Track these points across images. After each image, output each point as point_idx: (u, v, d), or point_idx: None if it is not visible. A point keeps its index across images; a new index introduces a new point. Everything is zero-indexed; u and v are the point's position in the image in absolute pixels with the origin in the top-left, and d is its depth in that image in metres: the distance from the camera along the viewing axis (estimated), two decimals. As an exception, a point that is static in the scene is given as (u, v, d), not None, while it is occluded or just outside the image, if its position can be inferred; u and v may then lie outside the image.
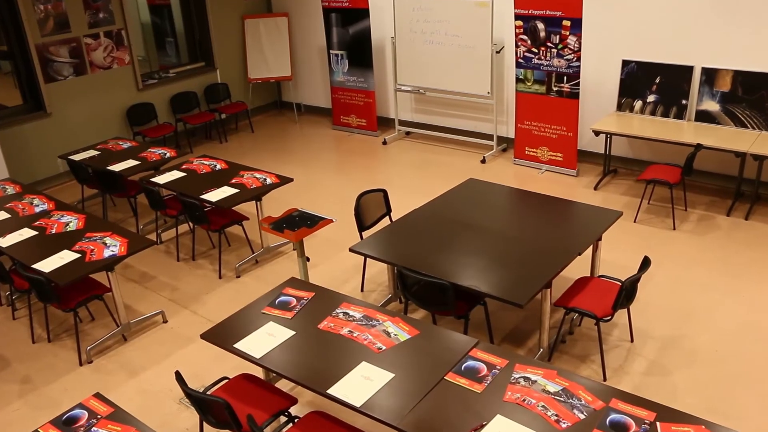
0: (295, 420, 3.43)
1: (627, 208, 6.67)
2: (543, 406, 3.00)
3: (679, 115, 7.04)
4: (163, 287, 5.77)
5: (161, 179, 6.26)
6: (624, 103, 7.41)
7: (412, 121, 9.49)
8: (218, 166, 6.49)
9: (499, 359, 3.33)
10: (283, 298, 4.01)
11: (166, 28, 9.97)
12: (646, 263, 4.18)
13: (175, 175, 6.36)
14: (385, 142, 9.09)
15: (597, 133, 7.08)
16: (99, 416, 3.14)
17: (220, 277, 5.84)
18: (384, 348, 3.47)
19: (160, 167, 6.72)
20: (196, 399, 3.34)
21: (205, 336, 3.68)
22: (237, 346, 3.58)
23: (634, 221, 6.42)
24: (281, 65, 10.32)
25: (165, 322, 5.25)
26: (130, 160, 6.89)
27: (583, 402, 3.01)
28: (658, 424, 2.85)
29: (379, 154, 8.66)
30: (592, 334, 4.72)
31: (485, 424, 2.90)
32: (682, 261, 5.61)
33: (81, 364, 4.78)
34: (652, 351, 4.50)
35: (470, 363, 3.32)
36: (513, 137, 8.27)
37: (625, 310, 4.85)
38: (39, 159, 8.20)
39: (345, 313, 3.80)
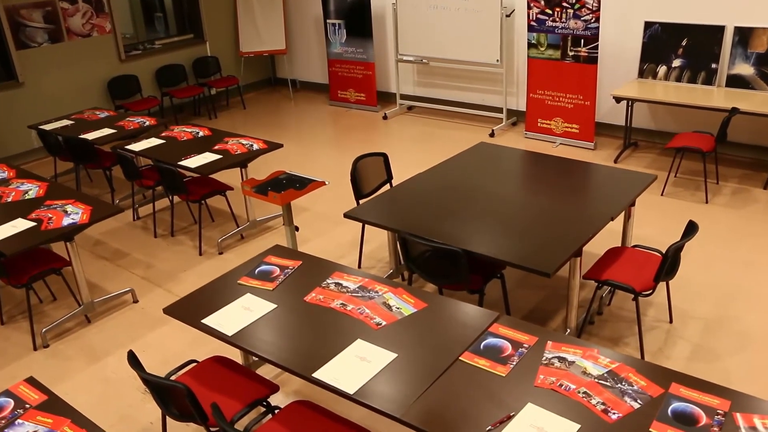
0: (275, 411, 2.79)
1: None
2: (585, 393, 2.36)
3: (708, 81, 6.40)
4: (137, 265, 5.13)
5: (136, 146, 5.63)
6: (646, 69, 6.76)
7: (414, 95, 8.85)
8: (201, 134, 5.86)
9: (527, 336, 2.69)
10: (264, 267, 3.37)
11: (151, -4, 9.32)
12: (691, 228, 3.54)
13: (153, 142, 5.73)
14: (385, 117, 8.45)
15: (618, 99, 6.43)
16: (27, 405, 2.51)
17: (200, 254, 5.21)
18: (384, 323, 2.83)
19: (138, 136, 6.07)
20: (154, 385, 2.71)
21: (168, 310, 3.05)
22: (206, 321, 2.94)
23: (662, 194, 5.79)
24: (275, 38, 9.67)
25: (135, 301, 4.62)
26: (105, 129, 6.27)
27: (636, 387, 2.37)
28: (736, 414, 2.21)
29: (379, 129, 8.02)
30: (624, 314, 4.09)
31: (513, 416, 2.27)
32: (719, 236, 4.97)
33: (35, 349, 4.15)
34: (696, 333, 3.87)
35: (491, 341, 2.68)
36: (524, 110, 7.63)
37: (663, 286, 4.21)
38: (10, 132, 7.56)
39: (337, 284, 3.16)
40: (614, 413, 2.27)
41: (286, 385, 3.63)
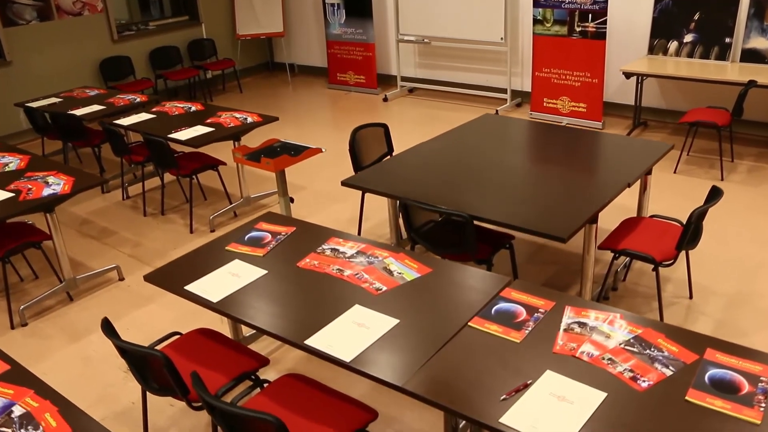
0: (264, 385, 2.53)
1: (663, 160, 5.76)
2: (610, 360, 2.10)
3: (722, 56, 6.13)
4: (124, 243, 4.88)
5: (125, 121, 5.38)
6: (657, 45, 6.50)
7: (415, 77, 8.58)
8: (193, 108, 5.60)
9: (543, 300, 2.43)
10: (254, 233, 3.11)
11: (144, -25, 9.06)
12: (715, 193, 3.28)
13: (143, 117, 5.47)
14: (386, 99, 8.18)
15: (628, 75, 6.16)
16: (-13, 375, 2.25)
17: (191, 232, 4.95)
18: (385, 289, 2.57)
19: (128, 112, 5.81)
20: (130, 355, 2.45)
21: (150, 278, 2.79)
22: (189, 288, 2.68)
23: (674, 172, 5.53)
24: (272, 20, 9.40)
25: (121, 279, 4.36)
26: (94, 105, 6.00)
27: (666, 354, 2.11)
28: (783, 381, 1.95)
29: (379, 112, 7.75)
30: (640, 289, 3.83)
31: (531, 383, 2.01)
32: (738, 213, 4.71)
33: (13, 327, 3.90)
34: (718, 309, 3.61)
35: (503, 305, 2.42)
36: (529, 90, 7.37)
37: (681, 262, 3.96)
38: (-3, 112, 7.29)
39: (333, 250, 2.90)
40: (644, 381, 2.01)
41: (280, 363, 3.38)
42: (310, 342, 2.28)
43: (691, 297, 3.73)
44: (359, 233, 4.61)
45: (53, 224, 3.95)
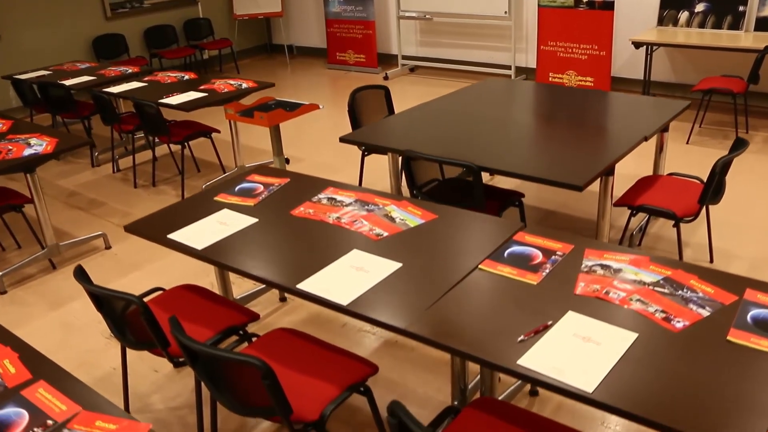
0: (253, 339, 2.31)
1: (675, 131, 5.55)
2: (640, 301, 1.87)
3: (735, 25, 5.90)
4: (113, 213, 4.65)
5: (115, 89, 5.14)
6: (666, 16, 6.26)
7: (416, 56, 8.35)
8: (186, 77, 5.37)
9: (560, 243, 2.20)
10: (245, 185, 2.89)
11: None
12: (739, 144, 3.05)
13: (134, 85, 5.24)
14: (386, 77, 7.95)
15: (637, 45, 5.93)
16: (-55, 322, 2.02)
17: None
18: (386, 234, 2.34)
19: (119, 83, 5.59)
20: (104, 303, 2.22)
21: (130, 228, 2.56)
22: (172, 236, 2.46)
23: (687, 143, 5.29)
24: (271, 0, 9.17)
25: (108, 247, 4.13)
26: (84, 77, 5.77)
27: (701, 295, 1.88)
28: (836, 320, 1.72)
29: (379, 88, 7.49)
30: (657, 253, 3.57)
31: (551, 325, 1.78)
32: (756, 180, 4.48)
33: (-9, 295, 3.67)
34: (741, 272, 3.38)
35: (517, 248, 2.19)
36: (533, 66, 7.15)
37: (700, 225, 3.73)
38: (-15, 87, 7.06)
39: (330, 199, 2.67)
40: (679, 321, 1.78)
41: (276, 324, 3.15)
42: (303, 286, 2.05)
43: (711, 261, 3.51)
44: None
45: (34, 186, 3.72)
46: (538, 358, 1.65)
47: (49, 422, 1.56)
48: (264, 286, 3.29)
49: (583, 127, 3.38)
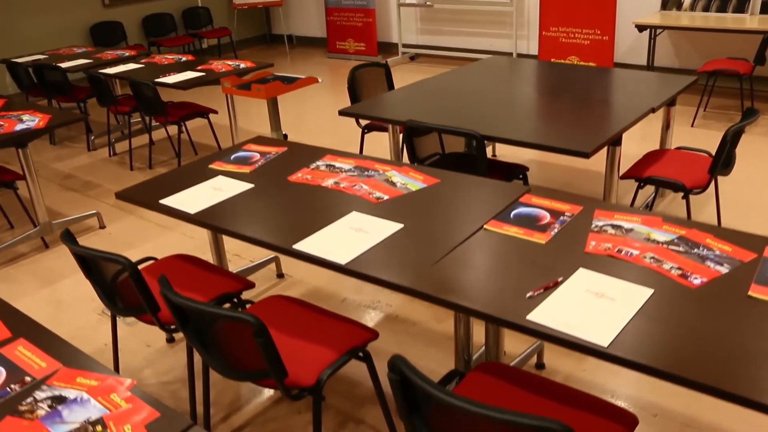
0: (246, 306, 2.21)
1: (679, 115, 5.45)
2: (654, 258, 1.78)
3: (740, 9, 5.80)
4: (108, 194, 4.56)
5: (112, 70, 5.05)
6: (670, 1, 6.17)
7: (417, 44, 8.26)
8: (183, 59, 5.27)
9: (569, 205, 2.11)
10: (241, 153, 2.79)
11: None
12: (750, 113, 2.96)
13: (131, 66, 5.15)
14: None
15: (641, 28, 5.83)
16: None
17: (179, 183, 4.61)
18: (386, 198, 2.25)
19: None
20: (92, 265, 2.13)
21: (121, 195, 2.47)
22: (165, 201, 2.36)
23: (692, 125, 5.19)
24: (270, -12, 9.07)
25: (102, 227, 4.04)
26: (81, 60, 5.67)
27: (718, 253, 1.79)
28: None
29: (379, 75, 7.39)
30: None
31: (562, 281, 1.68)
32: (763, 163, 4.39)
33: (-19, 273, 3.57)
34: (751, 249, 3.27)
35: (523, 209, 2.10)
36: (535, 53, 7.05)
37: (710, 201, 3.64)
38: (-20, 72, 6.96)
39: (329, 166, 2.58)
40: (696, 278, 1.68)
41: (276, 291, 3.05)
42: (300, 246, 1.96)
43: (721, 237, 3.40)
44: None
45: (26, 161, 3.63)
46: (548, 314, 1.56)
47: (27, 379, 1.47)
48: (261, 261, 3.20)
49: (588, 99, 3.28)
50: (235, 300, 2.27)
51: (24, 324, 1.68)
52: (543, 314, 1.56)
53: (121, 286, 2.11)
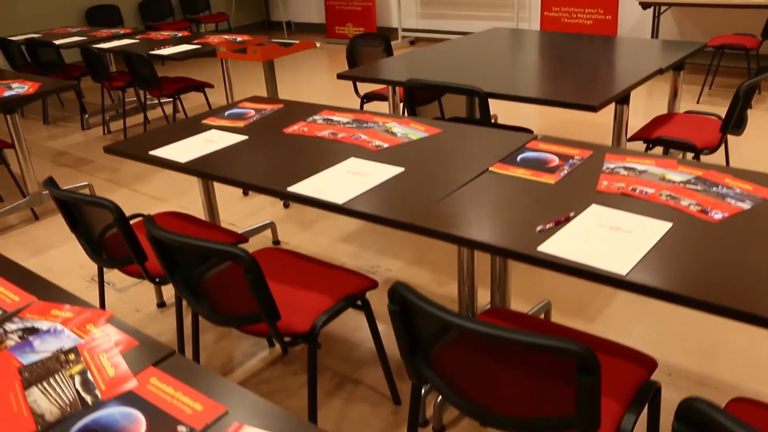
0: (242, 257, 2.10)
1: (685, 93, 5.35)
2: (671, 196, 1.67)
3: (747, -15, 5.67)
4: (101, 170, 4.45)
5: (105, 45, 4.94)
6: (676, -21, 6.04)
7: (417, 28, 8.15)
8: (179, 35, 5.16)
9: (578, 150, 2.00)
10: (236, 110, 2.69)
11: None
12: (763, 70, 2.85)
13: (125, 41, 5.04)
14: (386, 48, 7.71)
15: (645, 5, 5.72)
16: None
17: (174, 158, 4.51)
18: (386, 146, 2.14)
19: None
20: (76, 213, 2.02)
21: (109, 149, 2.36)
22: (155, 153, 2.25)
23: (697, 102, 5.09)
24: (268, -27, 8.97)
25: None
26: (75, 37, 5.56)
27: (738, 191, 1.68)
28: None
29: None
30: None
31: (573, 216, 1.57)
32: (773, 133, 4.29)
33: (-32, 243, 3.46)
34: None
35: (530, 154, 1.99)
36: (538, 34, 6.92)
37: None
38: (-27, 54, 6.83)
39: (327, 120, 2.47)
40: (717, 213, 1.58)
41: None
42: (295, 188, 1.85)
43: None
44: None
45: (14, 128, 3.51)
46: (561, 245, 1.45)
47: None
48: (256, 226, 3.09)
49: (594, 62, 3.18)
50: (228, 253, 2.16)
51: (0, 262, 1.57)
52: (555, 246, 1.45)
53: (107, 238, 2.00)
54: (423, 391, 2.00)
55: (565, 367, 1.12)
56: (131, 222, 2.24)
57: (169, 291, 2.77)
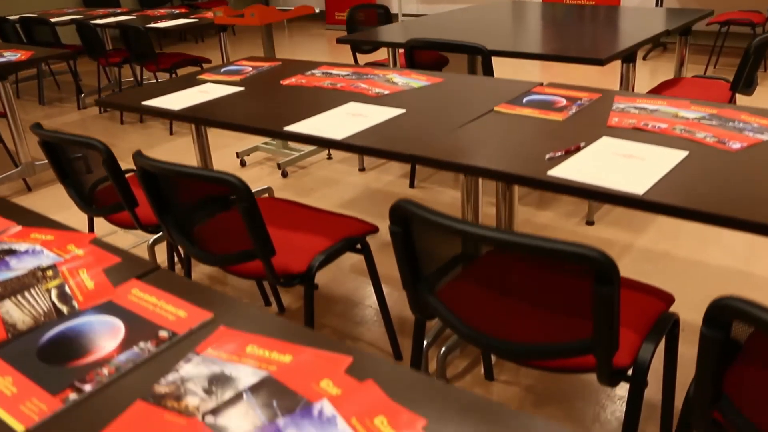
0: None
1: (689, 73, 5.25)
2: (685, 130, 1.59)
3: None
4: (96, 145, 4.36)
5: (101, 21, 4.86)
6: (680, -42, 5.97)
7: (417, 13, 8.06)
8: (177, 12, 5.08)
9: (586, 93, 1.92)
10: (232, 67, 2.61)
11: None
12: (778, 32, 2.76)
13: (122, 18, 4.96)
14: (387, 32, 7.63)
15: (651, -16, 5.63)
16: None
17: (171, 134, 4.44)
18: (387, 93, 2.06)
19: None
20: (63, 158, 1.94)
21: (101, 101, 2.28)
22: (147, 102, 2.17)
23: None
24: (267, -41, 8.89)
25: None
26: (71, 15, 5.48)
27: (756, 125, 1.60)
28: None
29: (379, 42, 7.21)
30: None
31: (584, 146, 1.49)
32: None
33: (-40, 212, 3.37)
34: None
35: (536, 96, 1.91)
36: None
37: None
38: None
39: (326, 73, 2.39)
40: (735, 143, 1.49)
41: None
42: (292, 127, 1.77)
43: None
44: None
45: (6, 96, 3.43)
46: (573, 170, 1.37)
47: (-22, 236, 1.28)
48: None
49: (600, 25, 3.09)
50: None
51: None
52: (567, 170, 1.37)
53: (98, 191, 1.92)
54: (425, 343, 1.93)
55: (581, 282, 1.05)
56: (127, 175, 2.17)
57: (162, 255, 2.70)
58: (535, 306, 1.17)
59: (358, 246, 1.75)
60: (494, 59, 2.64)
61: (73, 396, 0.82)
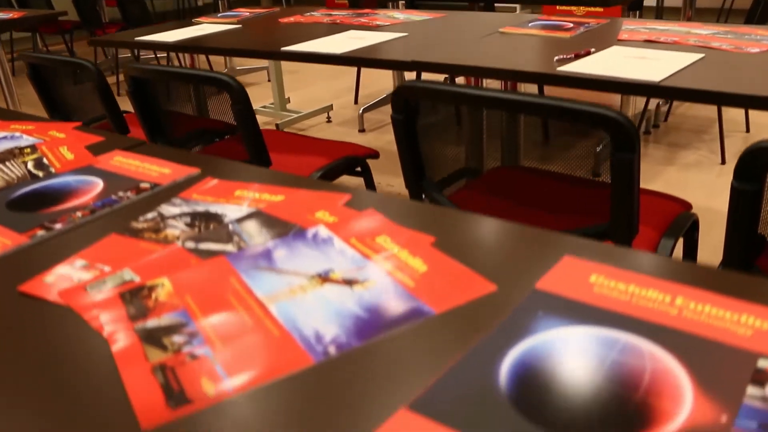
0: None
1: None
2: (699, 41, 1.52)
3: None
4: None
5: (97, -8, 4.78)
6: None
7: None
8: (173, -15, 5.00)
9: (593, 19, 1.85)
10: (229, 12, 2.54)
11: None
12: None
13: (117, -9, 4.88)
14: (387, 16, 7.56)
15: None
16: None
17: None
18: (388, 24, 1.99)
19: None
20: (50, 83, 1.87)
21: (94, 41, 2.21)
22: (140, 38, 2.10)
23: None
24: (267, -55, 8.81)
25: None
26: (66, -8, 5.40)
27: (773, 37, 1.53)
28: None
29: (380, 24, 7.15)
30: (686, 125, 3.27)
31: (594, 51, 1.42)
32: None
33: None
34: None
35: (541, 21, 1.84)
36: (542, -2, 6.76)
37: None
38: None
39: (326, 14, 2.32)
40: (753, 48, 1.42)
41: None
42: (289, 48, 1.70)
43: (747, 130, 3.16)
44: (356, 95, 4.03)
45: (-1, 57, 3.36)
46: (584, 67, 1.30)
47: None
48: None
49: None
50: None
51: None
52: (578, 67, 1.30)
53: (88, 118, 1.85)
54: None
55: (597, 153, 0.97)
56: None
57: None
58: (549, 183, 1.10)
59: (358, 169, 1.68)
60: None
61: (41, 233, 0.75)
